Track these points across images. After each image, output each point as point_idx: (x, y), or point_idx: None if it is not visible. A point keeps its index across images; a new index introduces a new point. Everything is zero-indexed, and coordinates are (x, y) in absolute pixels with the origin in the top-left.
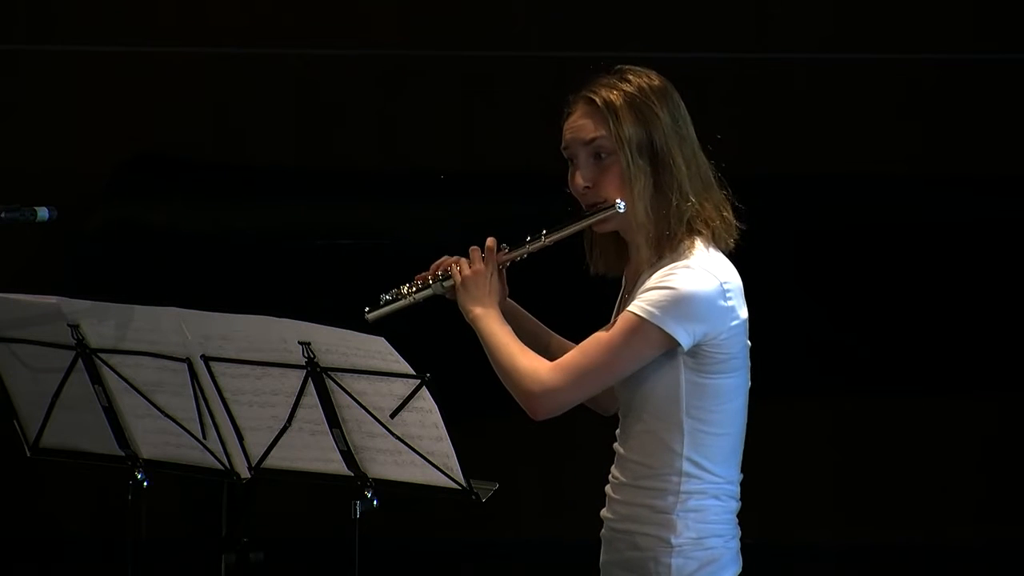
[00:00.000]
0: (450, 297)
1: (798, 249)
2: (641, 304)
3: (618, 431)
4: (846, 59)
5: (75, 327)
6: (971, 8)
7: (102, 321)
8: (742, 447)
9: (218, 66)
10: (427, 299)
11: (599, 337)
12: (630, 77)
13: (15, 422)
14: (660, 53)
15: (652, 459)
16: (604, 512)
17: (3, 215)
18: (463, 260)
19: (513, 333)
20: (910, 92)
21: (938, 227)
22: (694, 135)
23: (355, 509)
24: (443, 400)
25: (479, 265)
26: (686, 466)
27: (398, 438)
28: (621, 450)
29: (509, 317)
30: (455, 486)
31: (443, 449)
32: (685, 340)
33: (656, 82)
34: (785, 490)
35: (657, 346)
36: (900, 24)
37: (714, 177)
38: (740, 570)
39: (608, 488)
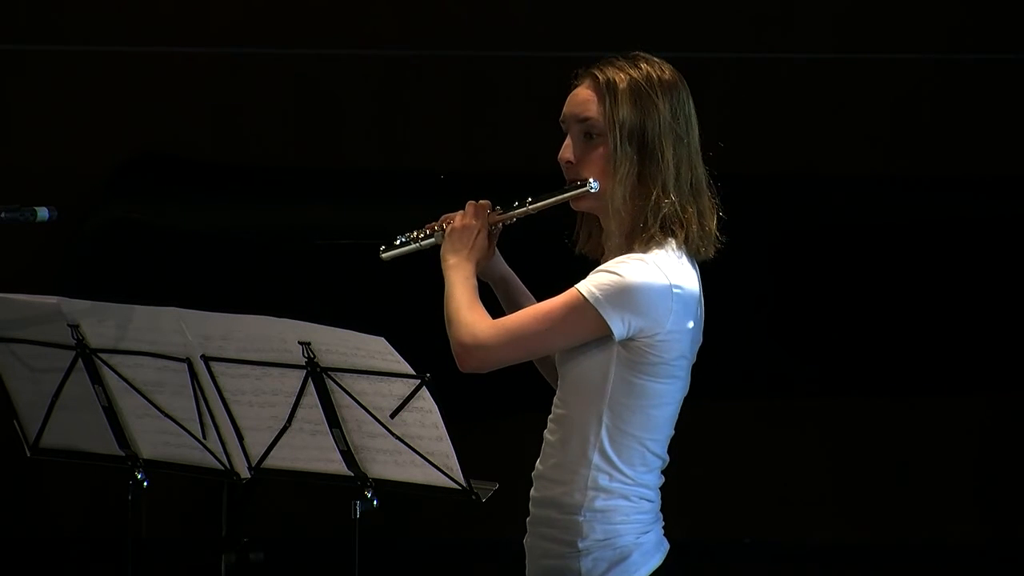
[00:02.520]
0: None
1: (797, 249)
2: (587, 284)
3: (549, 415)
4: (846, 59)
5: (75, 327)
6: (971, 8)
7: (102, 321)
8: (665, 456)
9: (218, 66)
10: (431, 248)
11: (541, 306)
12: (642, 64)
13: (15, 422)
14: (660, 53)
15: (567, 446)
16: (528, 518)
17: (3, 215)
18: (459, 213)
19: (475, 289)
20: (910, 92)
21: (937, 227)
22: (695, 139)
23: (355, 509)
24: (443, 400)
25: (470, 219)
26: (597, 459)
27: (398, 438)
28: (546, 433)
29: (505, 286)
30: (455, 486)
31: (443, 449)
32: (619, 330)
33: (667, 75)
34: (785, 490)
35: (591, 329)
36: (900, 24)
37: (707, 185)
38: (662, 560)
39: (532, 488)
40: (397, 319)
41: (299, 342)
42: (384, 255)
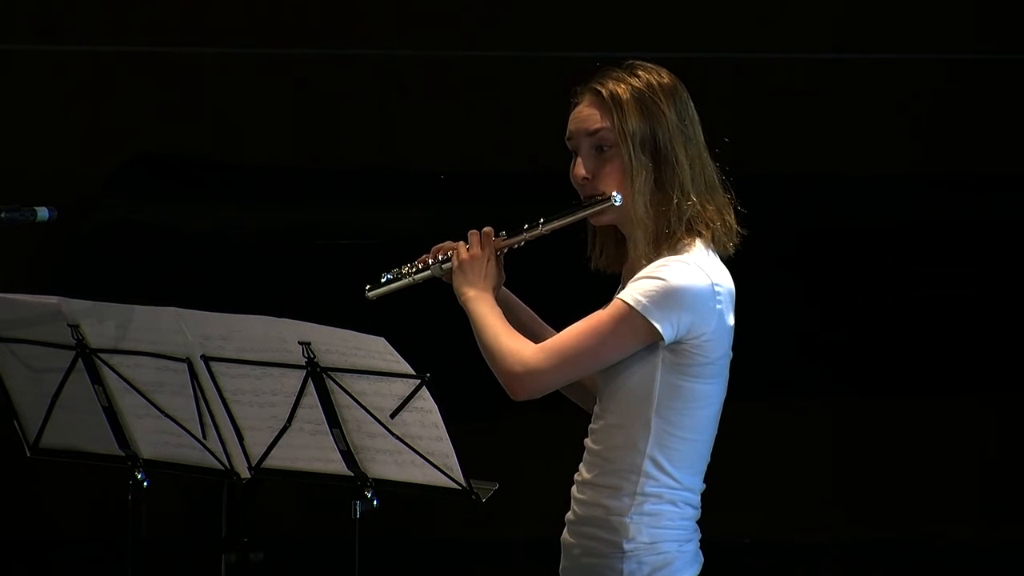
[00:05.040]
0: (447, 280)
1: (798, 249)
2: (631, 292)
3: (590, 424)
4: (846, 59)
5: (75, 327)
6: (971, 8)
7: (102, 321)
8: (708, 457)
9: (218, 66)
10: (426, 280)
11: (587, 322)
12: (639, 72)
13: (15, 422)
14: (660, 53)
15: (615, 454)
16: (568, 515)
17: (3, 215)
18: (462, 244)
19: (503, 316)
20: (910, 92)
21: (938, 227)
22: (701, 136)
23: (355, 509)
24: (443, 400)
25: (477, 250)
26: (647, 465)
27: (398, 438)
28: (590, 443)
29: (505, 307)
30: (455, 486)
31: (443, 449)
32: (668, 333)
33: (666, 79)
34: (785, 490)
35: (642, 337)
36: (900, 24)
37: (719, 180)
38: (698, 572)
39: (573, 488)
40: (397, 319)
41: (299, 342)
42: (370, 294)
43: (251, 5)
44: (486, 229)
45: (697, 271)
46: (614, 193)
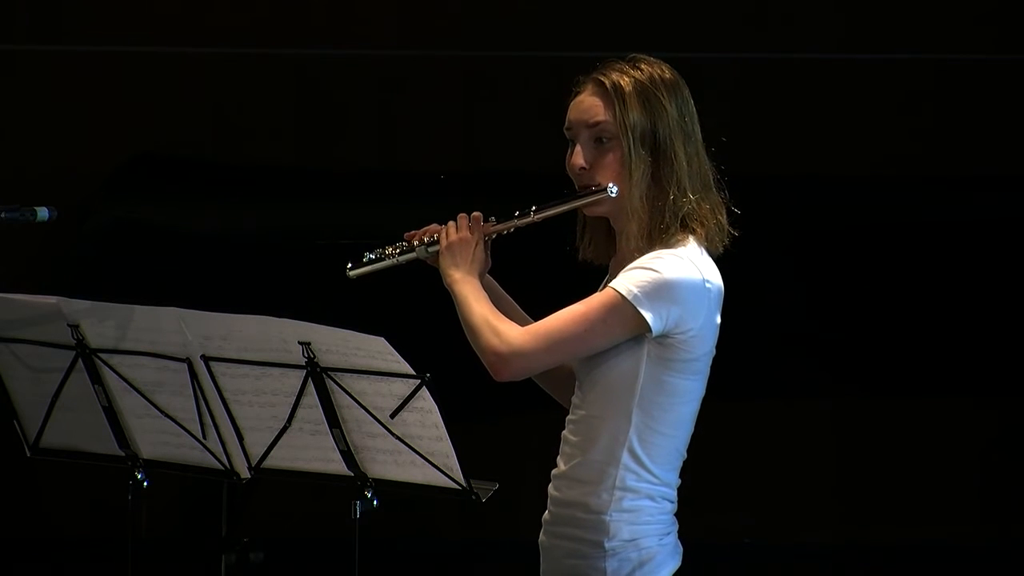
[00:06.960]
0: (432, 263)
1: (798, 249)
2: (624, 282)
3: (568, 416)
4: (847, 59)
5: (75, 327)
6: (971, 8)
7: (102, 321)
8: (684, 454)
9: (218, 66)
10: (410, 262)
11: (577, 308)
12: (642, 66)
13: (15, 422)
14: (660, 53)
15: (594, 446)
16: (544, 515)
17: (3, 215)
18: (451, 225)
19: (489, 299)
20: (910, 92)
21: (938, 227)
22: (699, 134)
23: (355, 509)
24: (443, 400)
25: (466, 232)
26: (626, 458)
27: (398, 438)
28: (567, 434)
29: (488, 294)
30: (455, 486)
31: (443, 449)
32: (656, 325)
33: (668, 75)
34: (785, 490)
35: (630, 326)
36: (901, 24)
37: (714, 180)
38: (679, 563)
39: (550, 486)
40: (397, 319)
41: (299, 342)
42: (351, 273)
43: (251, 5)
44: (475, 213)
45: (690, 266)
46: (610, 184)
